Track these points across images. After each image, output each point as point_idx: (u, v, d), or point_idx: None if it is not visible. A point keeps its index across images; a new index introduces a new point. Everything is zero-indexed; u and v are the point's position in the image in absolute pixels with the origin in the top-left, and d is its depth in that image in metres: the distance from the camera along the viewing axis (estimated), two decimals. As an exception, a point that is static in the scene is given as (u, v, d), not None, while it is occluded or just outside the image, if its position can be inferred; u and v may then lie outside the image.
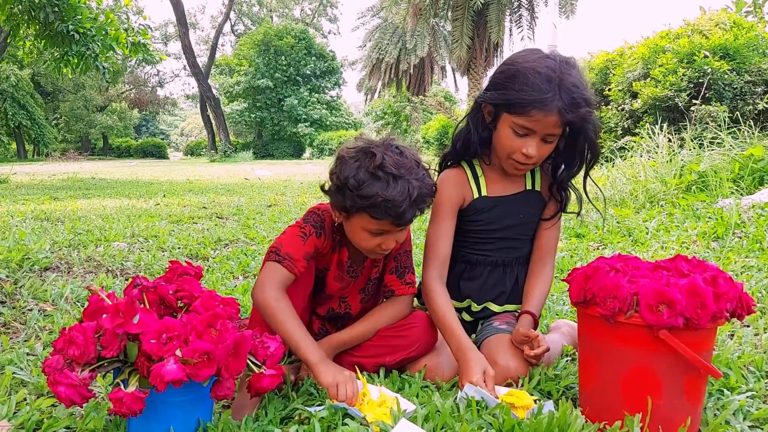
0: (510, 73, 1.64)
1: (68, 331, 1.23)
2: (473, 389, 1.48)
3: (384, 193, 1.46)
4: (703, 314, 1.25)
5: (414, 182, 1.49)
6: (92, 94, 39.60)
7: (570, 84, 1.58)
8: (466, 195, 1.83)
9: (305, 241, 1.62)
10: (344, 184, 1.51)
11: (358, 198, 1.49)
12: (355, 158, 1.52)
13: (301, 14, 50.32)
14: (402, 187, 1.47)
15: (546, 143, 1.66)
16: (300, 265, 1.59)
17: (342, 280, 1.76)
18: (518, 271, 1.88)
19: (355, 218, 1.56)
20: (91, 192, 8.78)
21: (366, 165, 1.49)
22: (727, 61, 7.61)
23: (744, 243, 3.20)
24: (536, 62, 1.60)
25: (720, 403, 1.48)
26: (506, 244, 1.84)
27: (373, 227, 1.54)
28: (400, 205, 1.47)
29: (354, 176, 1.49)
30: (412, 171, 1.51)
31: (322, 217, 1.67)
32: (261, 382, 1.29)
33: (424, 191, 1.53)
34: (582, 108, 1.59)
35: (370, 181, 1.48)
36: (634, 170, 5.84)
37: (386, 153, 1.51)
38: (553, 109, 1.56)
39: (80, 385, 1.19)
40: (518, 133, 1.65)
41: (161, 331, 1.20)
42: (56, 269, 3.05)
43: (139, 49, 11.01)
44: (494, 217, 1.82)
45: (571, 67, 1.61)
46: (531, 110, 1.58)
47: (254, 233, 4.37)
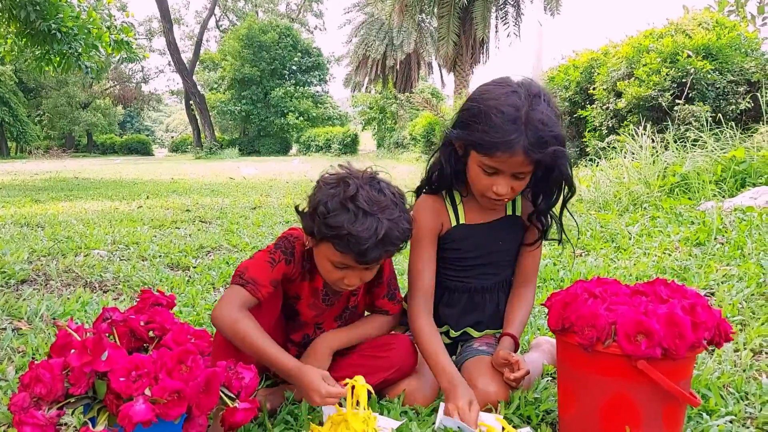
0: (474, 111, 1.59)
1: (35, 367, 1.20)
2: (450, 420, 1.46)
3: (349, 227, 1.42)
4: (681, 344, 1.24)
5: (385, 222, 1.45)
6: (76, 91, 39.12)
7: (537, 122, 1.51)
8: (444, 222, 1.79)
9: (273, 267, 1.59)
10: (314, 210, 1.49)
11: (324, 226, 1.46)
12: (331, 185, 1.49)
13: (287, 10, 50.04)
14: (370, 225, 1.43)
15: (518, 179, 1.62)
16: (264, 290, 1.55)
17: (316, 308, 1.73)
18: (498, 297, 1.85)
19: (321, 246, 1.53)
20: (74, 193, 8.68)
21: (339, 194, 1.46)
22: (710, 60, 7.65)
23: (726, 249, 3.21)
24: (500, 99, 1.54)
25: (699, 428, 1.47)
26: (485, 270, 1.82)
27: (336, 259, 1.51)
28: (364, 243, 1.42)
29: (324, 203, 1.46)
30: (386, 210, 1.46)
31: (293, 244, 1.63)
32: (234, 417, 1.26)
33: (395, 234, 1.47)
34: (550, 147, 1.52)
35: (339, 211, 1.44)
36: (617, 172, 5.86)
37: (363, 186, 1.47)
38: (519, 149, 1.51)
39: (46, 425, 1.16)
40: (487, 172, 1.61)
41: (130, 368, 1.17)
42: (33, 282, 3.00)
43: (122, 46, 10.88)
44: (472, 245, 1.79)
45: (539, 102, 1.54)
46: (495, 152, 1.54)
47: (237, 239, 4.33)
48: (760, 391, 1.66)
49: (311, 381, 1.44)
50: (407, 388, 1.66)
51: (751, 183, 4.93)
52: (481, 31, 21.13)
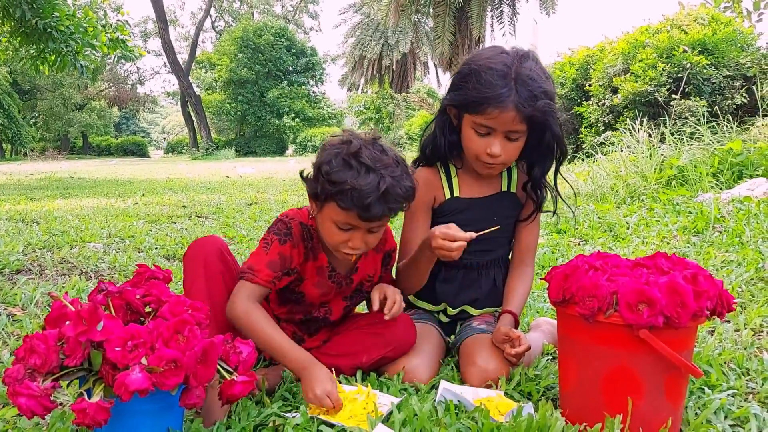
0: (465, 72, 1.61)
1: (29, 339, 1.18)
2: (450, 392, 1.45)
3: (353, 182, 1.43)
4: (683, 313, 1.23)
5: (387, 178, 1.45)
6: (71, 92, 38.99)
7: (526, 77, 1.54)
8: (438, 195, 1.79)
9: (267, 250, 1.58)
10: (318, 169, 1.50)
11: (328, 183, 1.46)
12: (335, 146, 1.50)
13: (282, 11, 50.02)
14: (373, 179, 1.43)
15: (511, 141, 1.62)
16: (262, 275, 1.55)
17: (323, 285, 1.69)
18: (495, 274, 1.84)
19: (325, 208, 1.52)
20: (69, 192, 8.65)
21: (342, 152, 1.47)
22: (705, 55, 7.66)
23: (724, 237, 3.21)
24: (490, 59, 1.57)
25: (701, 401, 1.46)
26: (480, 247, 1.78)
27: (340, 218, 1.50)
28: (367, 196, 1.42)
29: (328, 161, 1.47)
30: (389, 167, 1.47)
31: (289, 225, 1.61)
32: (232, 389, 1.25)
33: (398, 190, 1.47)
34: (540, 100, 1.54)
35: (342, 167, 1.45)
36: (614, 165, 5.86)
37: (366, 146, 1.48)
38: (509, 104, 1.53)
39: (42, 396, 1.14)
40: (480, 133, 1.62)
41: (126, 338, 1.16)
42: (28, 272, 2.98)
43: (118, 45, 10.85)
44: (467, 219, 1.76)
45: (527, 60, 1.57)
46: (487, 108, 1.55)
47: (234, 232, 4.31)
48: (761, 367, 1.65)
49: (320, 377, 1.44)
50: (407, 365, 1.64)
51: (748, 175, 4.94)
52: (477, 31, 21.12)
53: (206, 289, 1.54)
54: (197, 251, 1.58)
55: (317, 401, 1.41)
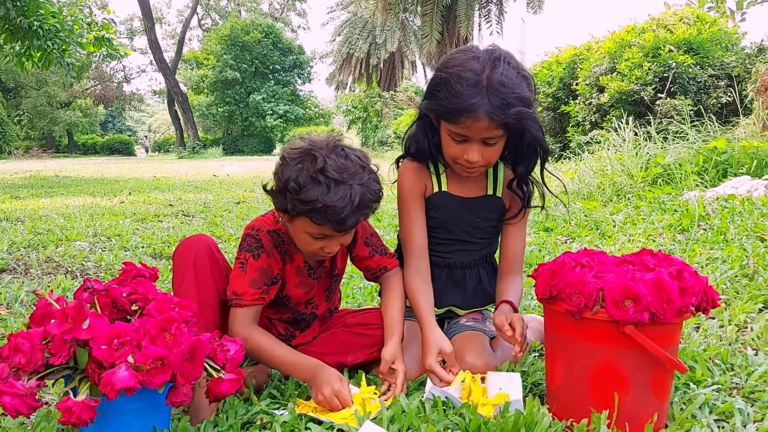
0: (437, 81, 1.59)
1: (14, 337, 1.17)
2: (437, 389, 1.45)
3: (324, 199, 1.41)
4: (668, 309, 1.24)
5: (356, 188, 1.44)
6: (56, 91, 38.58)
7: (497, 84, 1.49)
8: (428, 185, 1.79)
9: (244, 269, 1.57)
10: (285, 187, 1.46)
11: (298, 202, 1.43)
12: (297, 160, 1.46)
13: (270, 8, 49.84)
14: (343, 193, 1.42)
15: (488, 145, 1.59)
16: (248, 296, 1.54)
17: (305, 285, 1.70)
18: (480, 274, 1.84)
19: (297, 221, 1.51)
20: (54, 190, 8.57)
21: (307, 168, 1.44)
22: (691, 55, 7.73)
23: (709, 235, 3.24)
24: (461, 66, 1.54)
25: (686, 397, 1.48)
26: (461, 246, 1.80)
27: (314, 231, 1.49)
28: (340, 212, 1.42)
29: (294, 179, 1.44)
30: (356, 176, 1.45)
31: (258, 237, 1.60)
32: (219, 387, 1.25)
33: (368, 197, 1.47)
34: (514, 107, 1.49)
35: (311, 185, 1.42)
36: (601, 164, 5.89)
37: (329, 156, 1.45)
38: (481, 113, 1.50)
39: (26, 395, 1.13)
40: (456, 140, 1.60)
41: (112, 336, 1.15)
42: (13, 271, 2.95)
43: (103, 43, 10.76)
44: (451, 215, 1.77)
45: (499, 64, 1.52)
46: (459, 118, 1.53)
47: (221, 231, 4.29)
48: (745, 362, 1.67)
49: (330, 376, 1.45)
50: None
51: (733, 173, 4.98)
52: (464, 30, 21.20)
53: (196, 288, 1.53)
54: (187, 249, 1.57)
55: (326, 403, 1.41)
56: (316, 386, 1.45)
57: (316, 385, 1.45)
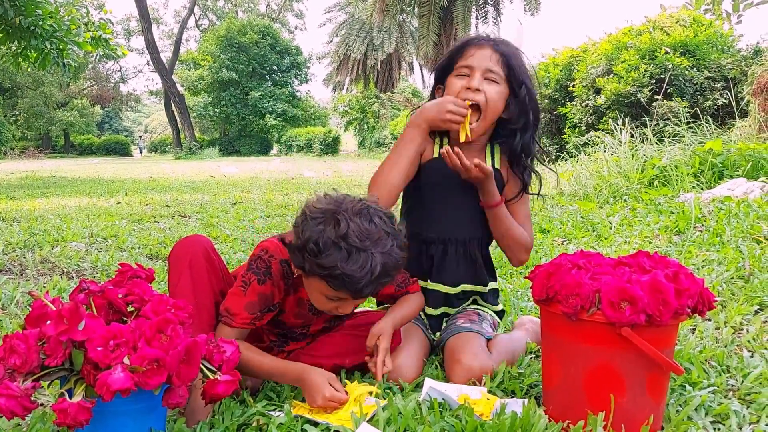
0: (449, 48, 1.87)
1: (9, 338, 1.17)
2: (435, 391, 1.45)
3: (343, 266, 1.36)
4: (664, 311, 1.24)
5: (378, 256, 1.38)
6: (52, 91, 38.47)
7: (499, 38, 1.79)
8: (428, 148, 1.84)
9: (245, 290, 1.52)
10: (304, 247, 1.41)
11: (316, 266, 1.39)
12: (319, 220, 1.41)
13: (267, 9, 49.79)
14: (364, 262, 1.37)
15: (490, 82, 1.73)
16: (238, 319, 1.51)
17: (303, 317, 1.67)
18: (473, 254, 1.85)
19: (313, 280, 1.46)
20: (50, 191, 8.55)
21: (329, 231, 1.38)
22: (687, 57, 7.75)
23: (705, 237, 3.24)
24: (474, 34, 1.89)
25: (682, 398, 1.48)
26: (459, 221, 1.82)
27: (330, 293, 1.45)
28: (359, 281, 1.37)
29: (315, 241, 1.38)
30: (379, 243, 1.40)
31: (269, 263, 1.55)
32: (215, 388, 1.24)
33: (389, 266, 1.41)
34: (512, 46, 1.76)
35: (331, 250, 1.37)
36: (597, 165, 5.91)
37: (353, 219, 1.39)
38: (487, 44, 1.75)
39: (22, 396, 1.12)
40: (463, 74, 1.75)
41: (108, 337, 1.15)
42: (8, 272, 2.94)
43: (100, 43, 10.74)
44: (449, 183, 1.78)
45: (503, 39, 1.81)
46: (467, 50, 1.76)
47: (218, 232, 4.29)
48: (741, 364, 1.67)
49: (317, 383, 1.44)
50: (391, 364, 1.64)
51: (729, 175, 5.00)
52: (461, 31, 21.17)
53: (191, 289, 1.51)
54: (183, 250, 1.55)
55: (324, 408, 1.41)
56: (308, 392, 1.45)
57: (308, 391, 1.45)
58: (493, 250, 2.01)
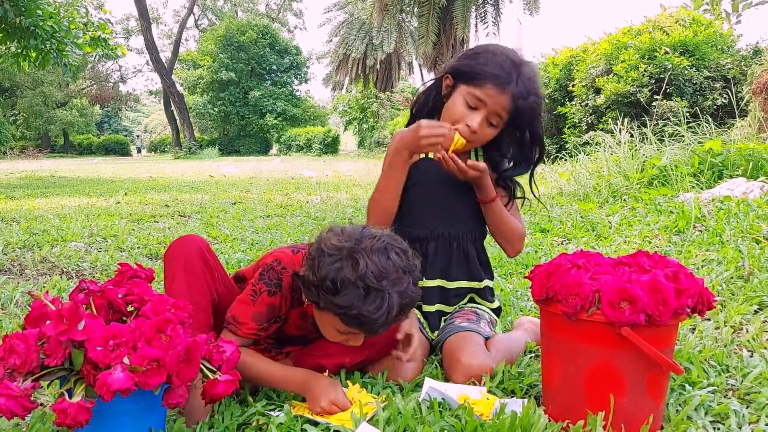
0: (477, 50, 1.76)
1: (9, 338, 1.17)
2: (435, 391, 1.45)
3: (360, 306, 1.34)
4: (664, 311, 1.24)
5: (395, 297, 1.36)
6: (52, 90, 38.46)
7: (527, 75, 1.70)
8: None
9: (255, 300, 1.51)
10: (320, 285, 1.39)
11: (332, 304, 1.37)
12: (336, 257, 1.38)
13: (266, 9, 49.76)
14: (381, 303, 1.35)
15: (490, 126, 1.72)
16: (245, 328, 1.50)
17: (304, 329, 1.66)
18: (467, 248, 1.87)
19: (326, 315, 1.44)
20: (50, 190, 8.55)
21: (347, 270, 1.36)
22: (687, 57, 7.75)
23: (705, 236, 3.24)
24: (502, 49, 1.75)
25: (682, 398, 1.48)
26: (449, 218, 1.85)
27: (342, 329, 1.44)
28: (374, 321, 1.36)
29: (331, 279, 1.36)
30: (396, 282, 1.37)
31: (280, 276, 1.52)
32: (215, 388, 1.24)
33: (405, 304, 1.40)
34: (532, 97, 1.69)
35: (348, 290, 1.35)
36: (597, 165, 5.91)
37: (371, 258, 1.37)
38: (508, 91, 1.67)
39: (21, 396, 1.12)
40: (469, 105, 1.71)
41: (108, 337, 1.15)
42: (8, 272, 2.94)
43: (99, 43, 10.74)
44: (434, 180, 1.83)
45: (529, 64, 1.74)
46: (487, 83, 1.68)
47: (217, 232, 4.29)
48: (741, 364, 1.67)
49: (323, 387, 1.45)
50: (390, 364, 1.65)
51: (728, 175, 5.00)
52: (461, 31, 21.18)
53: (186, 290, 1.50)
54: (177, 250, 1.55)
55: (326, 413, 1.41)
56: (312, 398, 1.44)
57: (311, 398, 1.44)
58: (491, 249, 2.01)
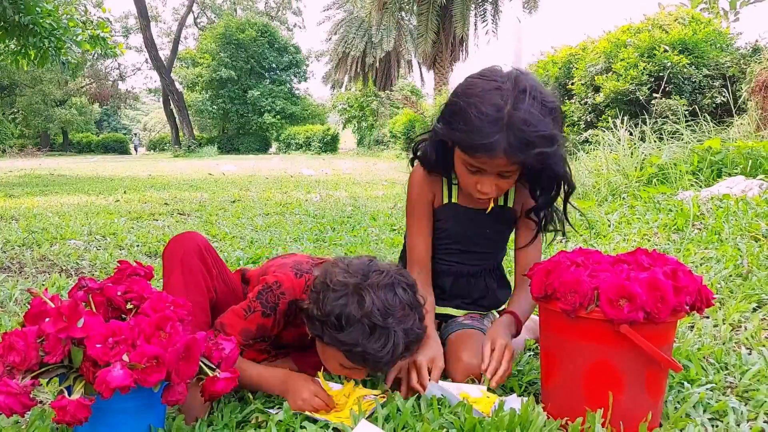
0: (455, 109, 1.50)
1: (8, 336, 1.17)
2: (435, 387, 1.45)
3: (364, 344, 1.34)
4: (663, 308, 1.25)
5: (400, 334, 1.36)
6: (51, 88, 38.43)
7: (519, 122, 1.41)
8: (437, 195, 1.77)
9: (247, 316, 1.50)
10: (324, 320, 1.39)
11: (336, 341, 1.37)
12: (341, 293, 1.38)
13: (266, 7, 49.71)
14: (386, 341, 1.35)
15: (503, 178, 1.54)
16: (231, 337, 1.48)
17: (300, 342, 1.65)
18: (486, 282, 1.85)
19: (329, 350, 1.43)
20: (49, 189, 8.54)
21: (352, 307, 1.35)
22: (686, 55, 7.75)
23: (704, 234, 3.24)
24: (482, 97, 1.44)
25: (680, 395, 1.48)
26: (469, 256, 1.81)
27: (346, 363, 1.43)
28: (379, 360, 1.36)
29: (336, 315, 1.36)
30: (402, 320, 1.37)
31: (277, 300, 1.51)
32: (215, 386, 1.25)
33: (410, 341, 1.40)
34: (535, 148, 1.42)
35: (353, 327, 1.35)
36: (596, 163, 5.90)
37: (377, 295, 1.36)
38: (499, 152, 1.42)
39: (20, 394, 1.13)
40: (470, 171, 1.55)
41: (107, 334, 1.15)
42: (7, 269, 2.94)
43: (98, 42, 10.73)
44: (460, 228, 1.77)
45: (524, 98, 1.43)
46: (475, 153, 1.47)
47: (216, 230, 4.29)
48: (739, 362, 1.68)
49: (298, 383, 1.44)
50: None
51: (727, 173, 4.99)
52: (460, 29, 21.21)
53: (184, 287, 1.50)
54: (175, 248, 1.55)
55: (307, 405, 1.40)
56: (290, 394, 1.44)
57: (290, 393, 1.44)
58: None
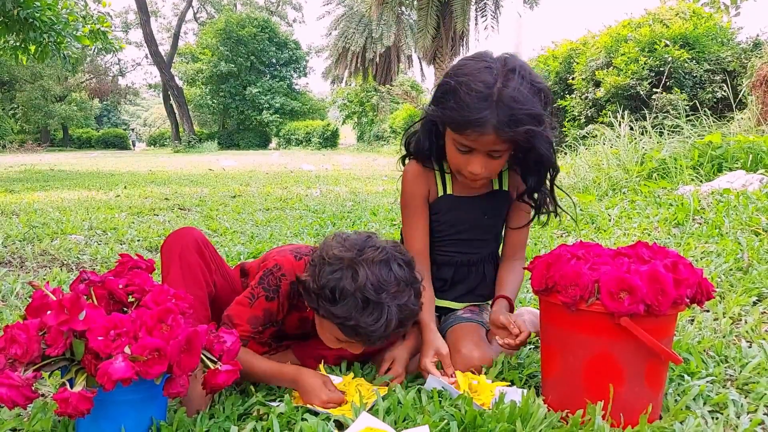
0: (446, 88, 1.53)
1: (10, 328, 1.17)
2: (435, 380, 1.46)
3: (357, 317, 1.35)
4: (663, 301, 1.25)
5: (393, 309, 1.37)
6: (51, 84, 38.35)
7: (508, 99, 1.44)
8: (432, 189, 1.78)
9: (252, 303, 1.53)
10: (319, 293, 1.40)
11: (330, 314, 1.39)
12: (336, 266, 1.40)
13: (266, 2, 49.59)
14: (379, 315, 1.36)
15: (493, 158, 1.56)
16: (240, 329, 1.51)
17: (302, 328, 1.67)
18: (485, 269, 1.85)
19: (325, 322, 1.45)
20: (50, 184, 8.54)
21: (347, 281, 1.37)
22: (687, 50, 7.74)
23: (704, 229, 3.25)
24: (472, 76, 1.47)
25: (680, 388, 1.48)
26: (470, 245, 1.81)
27: (340, 337, 1.44)
28: (371, 333, 1.37)
29: (330, 288, 1.38)
30: (397, 295, 1.38)
31: (279, 282, 1.53)
32: (216, 378, 1.25)
33: (405, 317, 1.41)
34: (523, 125, 1.44)
35: (346, 300, 1.36)
36: (597, 158, 5.90)
37: (371, 269, 1.37)
38: (489, 128, 1.45)
39: (23, 386, 1.13)
40: (461, 150, 1.56)
41: (109, 327, 1.15)
42: (8, 264, 2.94)
43: (98, 37, 10.70)
44: (457, 217, 1.77)
45: (513, 77, 1.46)
46: (465, 129, 1.49)
47: (217, 225, 4.29)
48: (739, 354, 1.68)
49: (313, 386, 1.44)
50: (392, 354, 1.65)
51: (728, 168, 4.99)
52: (460, 24, 21.16)
53: (182, 282, 1.51)
54: (173, 242, 1.55)
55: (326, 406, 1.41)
56: (306, 394, 1.44)
57: (306, 393, 1.44)
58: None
